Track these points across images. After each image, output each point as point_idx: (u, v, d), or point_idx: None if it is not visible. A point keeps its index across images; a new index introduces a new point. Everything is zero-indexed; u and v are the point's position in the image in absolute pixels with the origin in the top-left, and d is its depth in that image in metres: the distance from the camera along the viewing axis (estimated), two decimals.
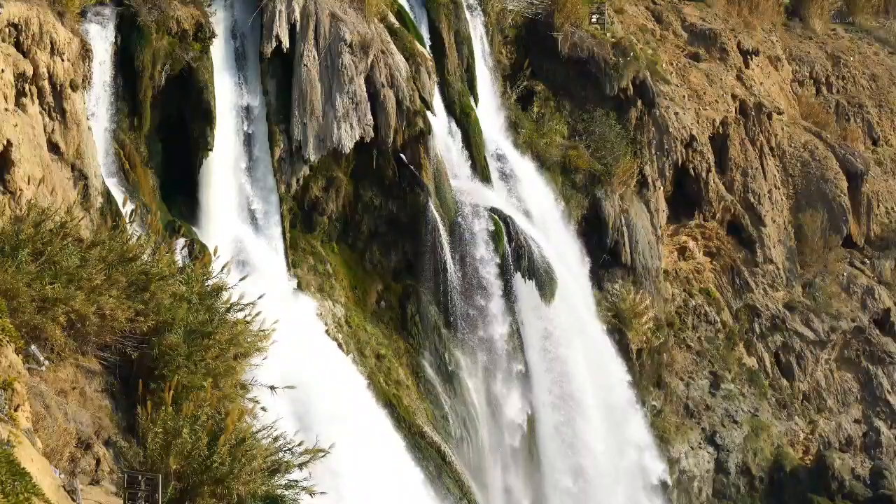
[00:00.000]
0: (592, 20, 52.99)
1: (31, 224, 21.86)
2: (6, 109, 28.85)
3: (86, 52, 33.91)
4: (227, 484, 19.58)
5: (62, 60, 31.41)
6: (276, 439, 21.09)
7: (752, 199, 56.51)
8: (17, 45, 30.30)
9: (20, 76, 29.98)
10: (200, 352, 21.74)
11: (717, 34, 59.31)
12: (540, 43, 51.18)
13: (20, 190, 28.64)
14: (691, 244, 55.34)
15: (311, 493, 21.11)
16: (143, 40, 35.86)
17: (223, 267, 24.69)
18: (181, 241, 34.20)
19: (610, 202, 49.32)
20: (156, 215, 32.99)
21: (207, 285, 23.88)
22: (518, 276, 43.05)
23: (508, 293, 42.92)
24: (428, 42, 45.00)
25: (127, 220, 25.85)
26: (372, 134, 40.48)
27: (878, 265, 60.42)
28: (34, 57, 30.56)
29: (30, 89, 30.42)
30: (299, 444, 21.23)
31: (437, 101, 44.01)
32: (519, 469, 43.95)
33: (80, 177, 32.09)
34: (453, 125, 45.17)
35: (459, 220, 42.57)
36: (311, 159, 39.78)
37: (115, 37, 35.71)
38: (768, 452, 53.50)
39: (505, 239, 42.88)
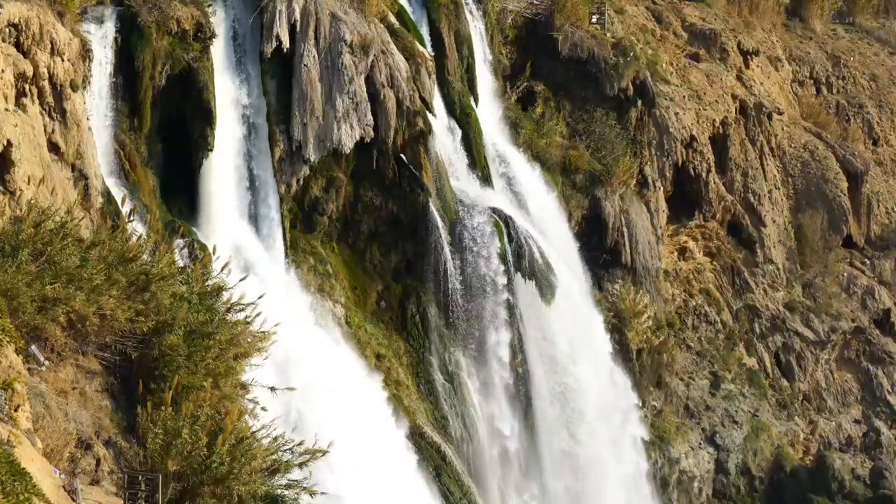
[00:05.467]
0: (592, 20, 52.98)
1: (31, 224, 21.88)
2: (6, 109, 28.85)
3: (86, 52, 33.92)
4: (227, 484, 19.60)
5: (62, 60, 31.42)
6: (275, 439, 21.09)
7: (752, 200, 56.50)
8: (17, 45, 30.30)
9: (20, 76, 29.98)
10: (200, 352, 21.74)
11: (717, 34, 59.30)
12: (540, 43, 51.15)
13: (20, 190, 28.65)
14: (691, 244, 55.33)
15: (312, 493, 21.11)
16: (143, 40, 35.85)
17: (223, 267, 24.69)
18: (181, 241, 34.19)
19: (610, 202, 49.31)
20: (156, 215, 32.99)
21: (207, 285, 23.90)
22: (518, 276, 43.03)
23: (508, 293, 42.88)
24: (428, 42, 44.99)
25: (126, 220, 25.83)
26: (372, 134, 40.48)
27: (878, 265, 60.40)
28: (34, 57, 30.56)
29: (30, 89, 30.43)
30: (299, 444, 21.23)
31: (437, 101, 44.00)
32: (519, 469, 43.93)
33: (81, 177, 32.10)
34: (453, 125, 45.15)
35: (460, 220, 42.56)
36: (312, 159, 39.79)
37: (115, 37, 35.70)
38: (768, 453, 53.50)
39: (505, 239, 42.86)
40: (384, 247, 42.37)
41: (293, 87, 39.57)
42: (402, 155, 41.63)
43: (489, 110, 48.07)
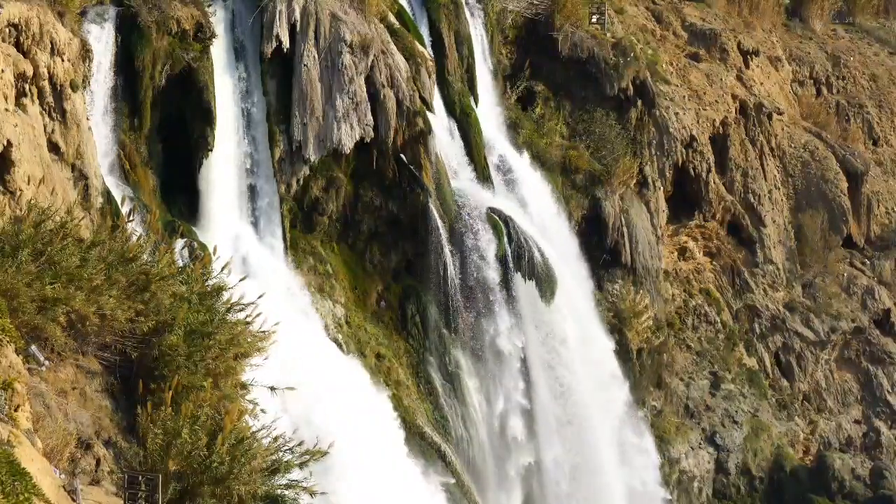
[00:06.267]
0: (592, 20, 52.98)
1: (31, 224, 21.84)
2: (6, 109, 28.86)
3: (86, 52, 33.95)
4: (227, 484, 19.58)
5: (62, 61, 31.43)
6: (275, 439, 21.08)
7: (752, 200, 56.51)
8: (17, 46, 30.31)
9: (20, 76, 29.99)
10: (200, 352, 21.70)
11: (717, 34, 59.31)
12: (540, 43, 51.16)
13: (20, 190, 28.66)
14: (691, 244, 55.33)
15: (312, 494, 21.10)
16: (143, 40, 35.87)
17: (223, 267, 24.67)
18: (181, 241, 34.19)
19: (610, 202, 49.31)
20: (156, 215, 33.00)
21: (207, 285, 23.86)
22: (518, 276, 43.03)
23: (508, 293, 42.88)
24: (428, 42, 45.00)
25: (126, 220, 25.81)
26: (372, 134, 40.49)
27: (878, 265, 60.41)
28: (34, 57, 30.57)
29: (30, 89, 30.43)
30: (299, 444, 21.22)
31: (437, 101, 44.00)
32: (519, 469, 43.92)
33: (81, 177, 32.11)
34: (453, 125, 45.16)
35: (459, 220, 42.57)
36: (311, 159, 39.80)
37: (116, 37, 35.72)
38: (768, 453, 53.50)
39: (505, 239, 42.87)
40: (384, 247, 42.38)
41: (293, 87, 39.58)
42: (402, 155, 41.63)
43: (489, 110, 48.08)
